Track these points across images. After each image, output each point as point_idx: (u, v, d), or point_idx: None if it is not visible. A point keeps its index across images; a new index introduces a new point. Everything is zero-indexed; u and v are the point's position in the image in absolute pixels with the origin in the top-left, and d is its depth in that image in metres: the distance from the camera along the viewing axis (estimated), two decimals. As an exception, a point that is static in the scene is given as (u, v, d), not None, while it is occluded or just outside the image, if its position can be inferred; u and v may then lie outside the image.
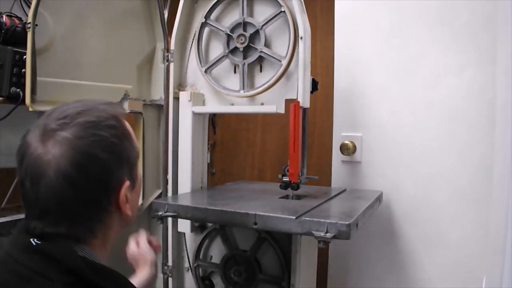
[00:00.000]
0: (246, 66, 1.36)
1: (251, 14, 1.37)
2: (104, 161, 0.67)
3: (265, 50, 1.33)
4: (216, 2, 1.41)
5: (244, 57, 1.37)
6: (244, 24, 1.36)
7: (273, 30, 1.35)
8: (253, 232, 1.24)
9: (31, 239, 0.65)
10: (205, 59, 1.46)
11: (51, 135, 0.66)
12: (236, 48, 1.37)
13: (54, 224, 0.66)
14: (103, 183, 0.68)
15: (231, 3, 1.42)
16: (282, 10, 1.30)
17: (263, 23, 1.33)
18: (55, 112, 0.69)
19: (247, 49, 1.36)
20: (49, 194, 0.64)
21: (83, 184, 0.65)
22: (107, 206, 0.69)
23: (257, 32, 1.34)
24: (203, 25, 1.44)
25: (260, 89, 1.34)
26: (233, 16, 1.40)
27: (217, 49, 1.44)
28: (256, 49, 1.34)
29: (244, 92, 1.37)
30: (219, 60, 1.41)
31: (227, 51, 1.38)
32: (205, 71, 1.43)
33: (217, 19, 1.44)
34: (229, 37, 1.38)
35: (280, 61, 1.30)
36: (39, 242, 0.64)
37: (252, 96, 1.38)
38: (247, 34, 1.34)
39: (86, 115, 0.69)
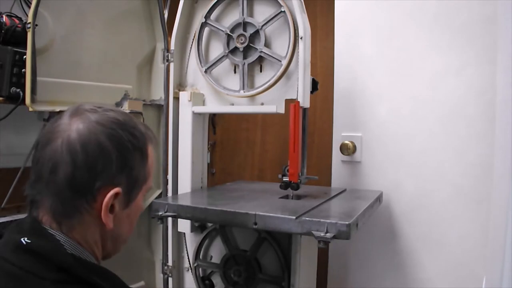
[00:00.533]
0: (246, 66, 1.36)
1: (251, 14, 1.37)
2: (108, 154, 0.68)
3: (265, 50, 1.33)
4: (216, 2, 1.41)
5: (244, 57, 1.37)
6: (244, 24, 1.36)
7: (273, 30, 1.35)
8: (253, 232, 1.24)
9: (22, 238, 0.65)
10: (205, 59, 1.46)
11: (80, 113, 0.71)
12: (236, 48, 1.37)
13: (41, 193, 0.68)
14: (96, 173, 0.68)
15: (231, 3, 1.41)
16: (282, 10, 1.30)
17: (263, 23, 1.33)
18: (97, 104, 0.75)
19: (247, 49, 1.36)
20: (48, 157, 0.67)
21: (79, 164, 0.66)
22: (89, 201, 0.69)
23: (257, 32, 1.34)
24: (203, 25, 1.44)
25: (260, 89, 1.34)
26: (233, 16, 1.40)
27: (217, 49, 1.44)
28: (256, 49, 1.34)
29: (244, 92, 1.37)
30: (219, 60, 1.41)
31: (227, 51, 1.38)
32: (205, 71, 1.43)
33: (217, 19, 1.44)
34: (229, 37, 1.38)
35: (280, 61, 1.30)
36: (29, 241, 0.65)
37: (252, 96, 1.38)
38: (247, 34, 1.34)
39: (119, 115, 0.73)
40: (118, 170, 0.70)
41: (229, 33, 1.37)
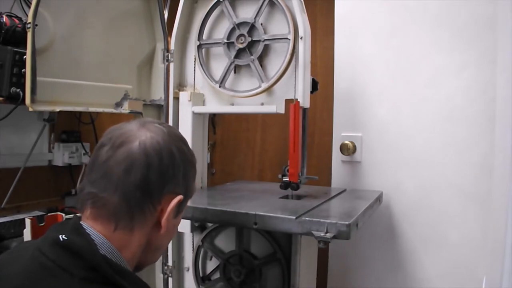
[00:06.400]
0: (256, 60, 1.35)
1: (238, 16, 1.38)
2: (177, 164, 0.74)
3: (267, 36, 1.33)
4: (204, 20, 1.43)
5: (251, 54, 1.36)
6: (238, 26, 1.36)
7: (266, 17, 1.35)
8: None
9: (60, 235, 0.68)
10: (210, 75, 1.45)
11: (148, 124, 0.75)
12: (239, 50, 1.36)
13: (108, 191, 0.70)
14: (167, 178, 0.72)
15: (218, 17, 1.43)
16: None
17: (254, 15, 1.33)
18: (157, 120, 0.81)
19: (250, 45, 1.35)
20: (123, 158, 0.70)
21: (154, 168, 0.71)
22: (155, 203, 0.72)
23: (253, 27, 1.34)
24: (199, 48, 1.44)
25: (275, 77, 1.31)
26: (224, 25, 1.40)
27: (218, 60, 1.44)
28: (259, 40, 1.34)
29: (264, 84, 1.33)
30: (228, 71, 1.40)
31: (232, 58, 1.38)
32: (219, 86, 1.41)
33: (210, 36, 1.45)
34: (228, 45, 1.38)
35: (287, 38, 1.29)
36: (66, 238, 0.67)
37: (269, 88, 1.34)
38: (245, 32, 1.34)
39: (179, 133, 0.81)
40: (182, 180, 0.75)
41: (227, 41, 1.37)
